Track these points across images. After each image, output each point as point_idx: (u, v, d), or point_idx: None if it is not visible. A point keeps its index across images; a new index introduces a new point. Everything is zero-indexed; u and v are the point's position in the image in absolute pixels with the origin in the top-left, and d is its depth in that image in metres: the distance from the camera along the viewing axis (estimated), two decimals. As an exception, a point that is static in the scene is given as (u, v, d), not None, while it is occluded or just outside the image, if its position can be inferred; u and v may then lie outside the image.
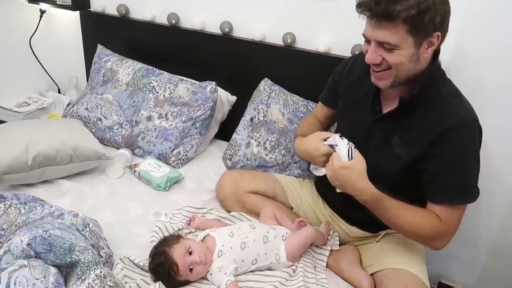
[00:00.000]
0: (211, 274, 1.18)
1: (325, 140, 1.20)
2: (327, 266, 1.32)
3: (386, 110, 1.21)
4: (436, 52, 1.12)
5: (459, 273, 1.77)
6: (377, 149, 1.21)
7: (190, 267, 1.14)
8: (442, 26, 1.04)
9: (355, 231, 1.39)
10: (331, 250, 1.35)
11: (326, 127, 1.57)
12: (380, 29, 1.03)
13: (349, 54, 1.65)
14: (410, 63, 1.06)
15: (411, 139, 1.14)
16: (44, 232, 0.94)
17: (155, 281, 1.15)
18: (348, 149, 1.12)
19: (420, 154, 1.12)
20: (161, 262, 1.14)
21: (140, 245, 1.31)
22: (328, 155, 1.17)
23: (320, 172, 1.23)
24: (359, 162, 1.11)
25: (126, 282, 1.13)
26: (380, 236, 1.35)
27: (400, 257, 1.26)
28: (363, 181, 1.11)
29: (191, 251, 1.16)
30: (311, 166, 1.28)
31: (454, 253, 1.74)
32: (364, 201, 1.14)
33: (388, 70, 1.09)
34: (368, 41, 1.09)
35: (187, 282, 1.17)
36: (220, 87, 1.89)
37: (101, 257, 1.08)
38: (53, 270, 0.91)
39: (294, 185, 1.56)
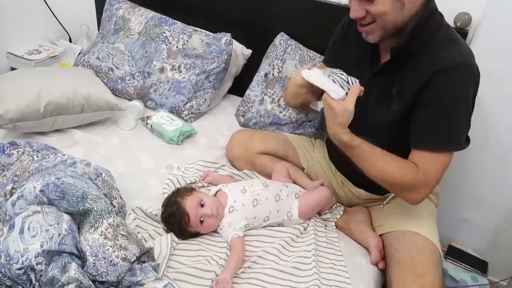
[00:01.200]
0: (221, 229, 1.18)
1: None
2: (337, 227, 1.32)
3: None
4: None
5: (470, 237, 1.77)
6: (376, 104, 1.17)
7: (201, 219, 1.14)
8: None
9: (363, 193, 1.37)
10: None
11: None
12: None
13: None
14: (394, 11, 1.01)
15: (406, 89, 1.09)
16: (57, 179, 0.93)
17: (167, 231, 1.16)
18: (341, 84, 1.06)
19: (412, 102, 1.08)
20: (173, 212, 1.14)
21: (152, 197, 1.31)
22: (306, 87, 1.13)
23: (316, 106, 1.18)
24: (340, 106, 1.04)
25: (138, 232, 1.14)
26: (388, 199, 1.32)
27: (410, 219, 1.24)
28: (337, 127, 1.07)
29: (203, 204, 1.16)
30: (311, 103, 1.22)
31: (467, 216, 1.73)
32: (338, 146, 1.11)
33: (374, 23, 1.05)
34: None
35: (198, 234, 1.17)
36: (235, 39, 1.82)
37: (114, 206, 1.08)
38: (66, 217, 0.92)
39: (306, 145, 1.53)
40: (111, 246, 0.89)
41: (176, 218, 1.14)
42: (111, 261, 0.87)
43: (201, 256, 1.12)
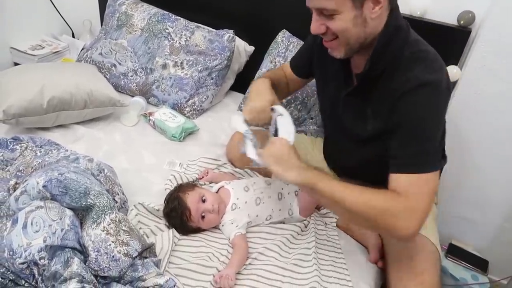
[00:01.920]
0: (223, 226, 1.19)
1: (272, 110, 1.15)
2: (337, 226, 1.32)
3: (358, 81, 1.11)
4: (393, 9, 1.01)
5: (471, 235, 1.76)
6: (353, 121, 1.15)
7: (202, 214, 1.15)
8: None
9: None
10: None
11: (290, 92, 1.48)
12: None
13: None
14: (355, 27, 0.97)
15: (378, 111, 1.06)
16: (60, 175, 0.94)
17: (168, 227, 1.17)
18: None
19: (385, 123, 1.03)
20: (174, 207, 1.15)
21: (155, 193, 1.32)
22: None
23: (248, 150, 1.12)
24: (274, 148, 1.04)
25: (140, 228, 1.15)
26: None
27: None
28: (288, 171, 1.01)
29: (204, 199, 1.17)
30: (240, 146, 1.15)
31: (468, 214, 1.73)
32: (299, 184, 1.02)
33: (336, 40, 1.01)
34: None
35: (199, 230, 1.18)
36: (238, 36, 1.82)
37: (116, 202, 1.09)
38: (68, 212, 0.92)
39: (306, 145, 1.52)
40: (113, 242, 0.90)
41: (177, 213, 1.14)
42: (113, 256, 0.88)
43: (203, 253, 1.12)
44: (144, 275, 0.90)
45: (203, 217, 1.16)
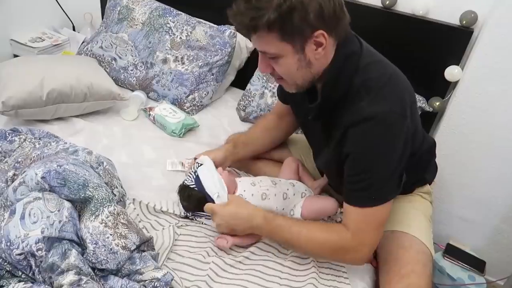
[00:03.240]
0: None
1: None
2: None
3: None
4: (340, 41, 0.96)
5: (468, 236, 1.76)
6: (321, 147, 1.14)
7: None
8: (323, 21, 0.88)
9: None
10: None
11: (290, 130, 1.42)
12: (253, 39, 0.93)
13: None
14: (300, 69, 0.94)
15: (331, 138, 1.05)
16: (59, 167, 0.93)
17: (186, 211, 1.19)
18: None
19: (338, 153, 1.02)
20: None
21: (154, 187, 1.32)
22: None
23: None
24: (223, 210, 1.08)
25: (140, 221, 1.15)
26: None
27: (399, 219, 1.20)
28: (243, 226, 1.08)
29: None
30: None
31: (466, 215, 1.73)
32: (258, 227, 1.07)
33: (284, 79, 0.99)
34: None
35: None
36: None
37: (115, 195, 1.08)
38: (67, 204, 0.92)
39: (303, 147, 1.50)
40: (111, 234, 0.89)
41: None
42: (111, 249, 0.88)
43: (201, 248, 1.12)
44: (141, 268, 0.90)
45: None
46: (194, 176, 1.15)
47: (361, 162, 0.97)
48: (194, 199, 1.15)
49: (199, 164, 1.17)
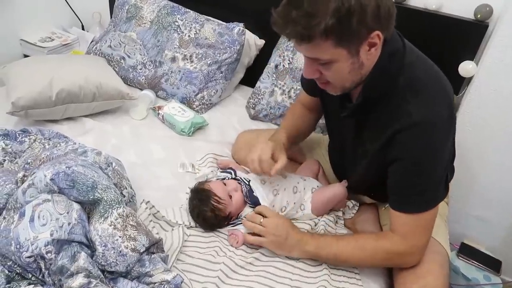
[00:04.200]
0: (244, 217, 1.17)
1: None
2: (345, 226, 1.29)
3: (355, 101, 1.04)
4: (386, 37, 0.91)
5: (483, 235, 1.73)
6: (352, 145, 1.11)
7: (230, 194, 1.17)
8: (378, 21, 0.83)
9: (367, 199, 1.34)
10: None
11: (317, 118, 1.37)
12: (303, 47, 0.86)
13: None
14: (351, 72, 0.90)
15: (375, 137, 1.00)
16: (67, 168, 0.93)
17: (204, 228, 1.17)
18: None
19: (383, 153, 0.98)
20: (201, 198, 1.15)
21: (163, 187, 1.31)
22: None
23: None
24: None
25: (150, 221, 1.14)
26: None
27: None
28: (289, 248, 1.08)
29: (225, 183, 1.20)
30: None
31: (481, 213, 1.70)
32: (305, 253, 1.08)
33: (330, 83, 0.94)
34: None
35: (230, 217, 1.17)
36: (248, 29, 1.79)
37: (124, 196, 1.07)
38: (76, 206, 0.91)
39: (314, 144, 1.49)
40: (120, 237, 0.88)
41: (207, 203, 1.13)
42: (120, 251, 0.87)
43: (210, 248, 1.11)
44: (151, 270, 0.89)
45: (230, 197, 1.17)
46: (247, 188, 1.19)
47: (414, 168, 0.94)
48: (212, 219, 1.15)
49: (248, 180, 1.21)
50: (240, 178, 1.23)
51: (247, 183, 1.20)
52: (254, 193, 1.18)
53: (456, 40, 1.46)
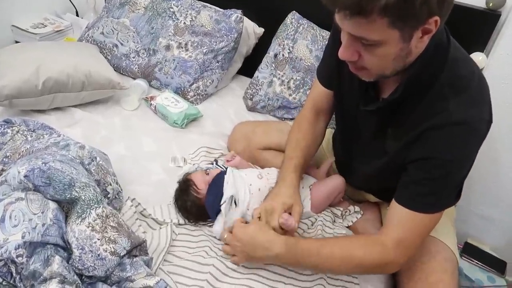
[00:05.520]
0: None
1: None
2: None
3: (384, 95, 0.94)
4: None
5: (488, 234, 1.67)
6: (368, 140, 1.03)
7: (209, 183, 1.13)
8: (442, 6, 0.74)
9: (371, 197, 1.28)
10: None
11: (327, 122, 1.24)
12: (352, 22, 0.74)
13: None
14: (397, 58, 0.80)
15: (401, 135, 0.93)
16: (43, 164, 0.86)
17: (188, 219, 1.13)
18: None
19: (405, 150, 0.91)
20: (182, 188, 1.14)
21: (152, 183, 1.25)
22: None
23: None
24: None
25: (136, 219, 1.09)
26: None
27: None
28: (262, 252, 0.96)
29: (208, 173, 1.16)
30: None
31: (485, 212, 1.64)
32: (279, 256, 0.95)
33: (367, 70, 0.84)
34: None
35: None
36: (247, 17, 1.72)
37: (108, 193, 1.01)
38: (52, 205, 0.85)
39: None
40: (99, 239, 0.82)
41: (187, 192, 1.11)
42: (98, 255, 0.81)
43: (200, 248, 1.06)
44: (132, 275, 0.83)
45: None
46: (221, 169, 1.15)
47: (439, 168, 0.86)
48: (193, 209, 1.10)
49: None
50: (223, 167, 1.19)
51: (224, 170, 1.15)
52: (222, 182, 1.10)
53: (465, 30, 1.36)
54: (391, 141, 0.96)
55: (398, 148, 0.93)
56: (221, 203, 1.05)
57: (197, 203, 1.11)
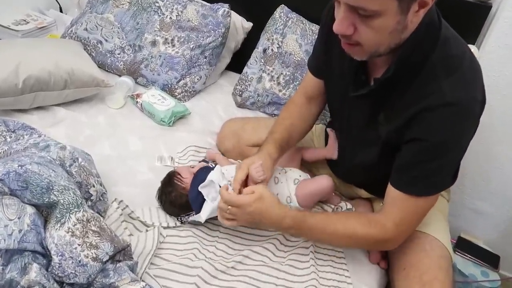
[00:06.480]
0: None
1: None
2: None
3: (376, 76, 0.93)
4: None
5: (481, 228, 1.66)
6: (361, 129, 1.01)
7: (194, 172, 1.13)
8: None
9: (364, 193, 1.25)
10: None
11: (319, 108, 1.22)
12: None
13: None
14: (393, 33, 0.78)
15: (393, 117, 0.91)
16: (20, 167, 0.82)
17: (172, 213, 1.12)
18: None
19: (399, 134, 0.90)
20: (165, 180, 1.14)
21: (139, 183, 1.21)
22: None
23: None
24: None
25: (122, 221, 1.05)
26: None
27: None
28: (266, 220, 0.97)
29: (193, 166, 1.17)
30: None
31: (478, 206, 1.63)
32: (286, 229, 0.99)
33: (360, 46, 0.82)
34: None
35: None
36: (235, 11, 1.67)
37: (91, 195, 0.97)
38: (30, 210, 0.81)
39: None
40: (79, 245, 0.78)
41: (171, 184, 1.11)
42: (79, 261, 0.77)
43: (188, 250, 1.02)
44: (116, 281, 0.79)
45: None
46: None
47: (433, 150, 0.86)
48: (178, 201, 1.07)
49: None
50: (211, 165, 1.19)
51: (212, 167, 1.14)
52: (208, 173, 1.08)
53: (456, 22, 1.31)
54: (383, 126, 0.95)
55: (391, 130, 0.92)
56: (200, 185, 1.05)
57: (182, 193, 1.09)
